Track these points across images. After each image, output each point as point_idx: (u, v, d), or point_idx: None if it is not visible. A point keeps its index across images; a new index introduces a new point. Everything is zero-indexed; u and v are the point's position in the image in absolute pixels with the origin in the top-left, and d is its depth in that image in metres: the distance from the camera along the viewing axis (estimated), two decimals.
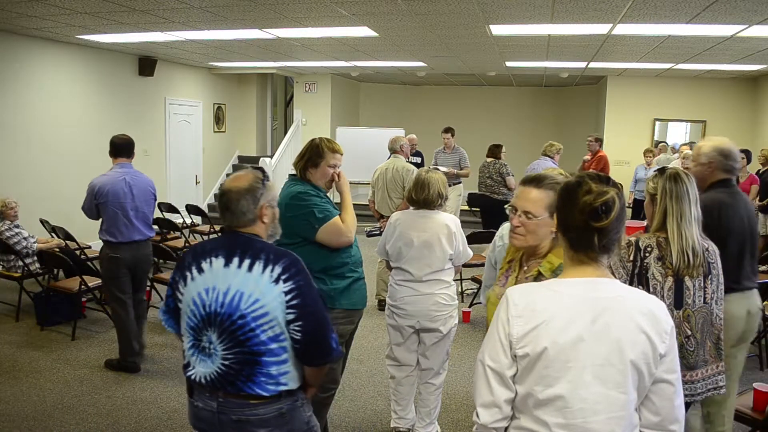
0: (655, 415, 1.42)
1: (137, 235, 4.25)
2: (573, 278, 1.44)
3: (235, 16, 5.67)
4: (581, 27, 5.82)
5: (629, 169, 9.29)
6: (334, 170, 2.86)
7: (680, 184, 2.27)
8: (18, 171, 6.95)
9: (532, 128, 13.18)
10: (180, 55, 8.94)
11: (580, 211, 1.39)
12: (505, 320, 1.41)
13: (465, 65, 9.31)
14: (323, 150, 2.83)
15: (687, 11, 4.96)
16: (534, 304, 1.40)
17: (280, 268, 1.85)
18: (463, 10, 5.20)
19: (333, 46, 7.53)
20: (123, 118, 8.47)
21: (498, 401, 1.41)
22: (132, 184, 4.23)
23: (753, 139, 9.47)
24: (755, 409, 2.88)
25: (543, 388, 1.37)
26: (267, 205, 1.96)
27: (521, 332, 1.39)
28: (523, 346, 1.38)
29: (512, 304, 1.42)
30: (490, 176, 7.40)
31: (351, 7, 5.20)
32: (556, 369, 1.36)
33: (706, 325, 2.30)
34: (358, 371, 4.45)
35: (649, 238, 2.28)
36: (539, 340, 1.37)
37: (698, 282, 2.27)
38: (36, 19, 6.00)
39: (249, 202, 1.93)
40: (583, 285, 1.42)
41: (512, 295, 1.44)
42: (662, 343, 1.38)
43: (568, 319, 1.37)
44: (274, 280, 1.84)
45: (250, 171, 2.01)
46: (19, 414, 3.65)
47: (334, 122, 11.46)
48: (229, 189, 1.94)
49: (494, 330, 1.44)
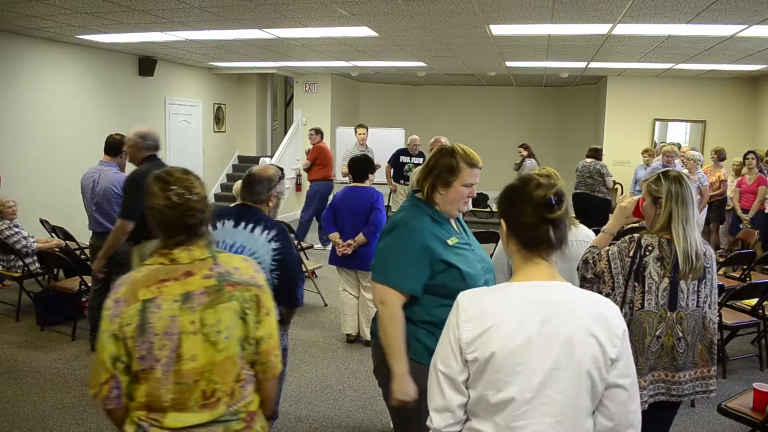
0: (609, 420, 1.41)
1: (98, 227, 4.47)
2: (524, 281, 1.44)
3: (235, 16, 5.67)
4: (581, 27, 5.82)
5: (629, 169, 9.28)
6: (470, 190, 2.19)
7: (685, 188, 2.28)
8: (18, 171, 6.95)
9: (532, 128, 13.18)
10: (180, 55, 8.94)
11: (534, 206, 1.41)
12: (455, 325, 1.41)
13: (465, 65, 9.31)
14: (458, 165, 2.14)
15: (687, 11, 4.96)
16: (484, 309, 1.39)
17: (274, 233, 2.57)
18: (463, 10, 5.20)
19: (333, 46, 7.53)
20: (123, 118, 8.46)
21: (451, 406, 1.41)
22: (97, 181, 4.46)
23: (753, 139, 9.47)
24: (755, 409, 2.89)
25: (494, 392, 1.36)
26: (275, 195, 2.69)
27: (470, 337, 1.38)
28: (473, 351, 1.37)
29: (462, 309, 1.41)
30: (591, 176, 7.72)
31: (351, 7, 5.20)
32: (506, 373, 1.35)
33: (697, 329, 2.31)
34: (358, 371, 4.46)
35: (651, 237, 2.28)
36: (488, 345, 1.36)
37: (693, 285, 2.27)
38: (36, 19, 6.00)
39: (264, 187, 2.66)
40: (535, 288, 1.42)
41: (462, 300, 1.43)
42: (613, 347, 1.37)
43: (518, 323, 1.36)
44: (268, 240, 2.55)
45: (274, 166, 2.78)
46: (19, 414, 3.65)
47: (334, 122, 11.46)
48: (255, 173, 2.67)
49: (446, 335, 1.43)
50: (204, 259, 1.69)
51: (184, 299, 1.63)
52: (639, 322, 2.25)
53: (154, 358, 1.60)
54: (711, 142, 9.23)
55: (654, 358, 2.26)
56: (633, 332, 2.25)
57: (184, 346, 1.61)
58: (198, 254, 1.68)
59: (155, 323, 1.60)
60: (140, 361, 1.60)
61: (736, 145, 9.21)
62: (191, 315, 1.62)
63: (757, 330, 4.79)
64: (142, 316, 1.60)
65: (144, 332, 1.60)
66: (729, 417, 2.96)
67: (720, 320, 4.22)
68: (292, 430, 3.59)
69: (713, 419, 3.66)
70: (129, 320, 1.60)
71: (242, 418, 1.71)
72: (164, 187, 1.66)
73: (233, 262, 1.75)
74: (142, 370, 1.61)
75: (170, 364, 1.61)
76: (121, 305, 1.61)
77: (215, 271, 1.68)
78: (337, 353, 4.82)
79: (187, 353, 1.61)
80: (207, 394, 1.65)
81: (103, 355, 1.61)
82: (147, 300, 1.61)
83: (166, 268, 1.65)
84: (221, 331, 1.65)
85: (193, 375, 1.62)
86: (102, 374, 1.61)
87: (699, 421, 3.71)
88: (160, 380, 1.61)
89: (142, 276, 1.64)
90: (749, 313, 4.51)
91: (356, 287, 4.91)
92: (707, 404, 3.80)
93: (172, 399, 1.62)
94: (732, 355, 4.73)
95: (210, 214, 1.74)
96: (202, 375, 1.63)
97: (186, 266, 1.66)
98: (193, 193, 1.67)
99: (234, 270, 1.72)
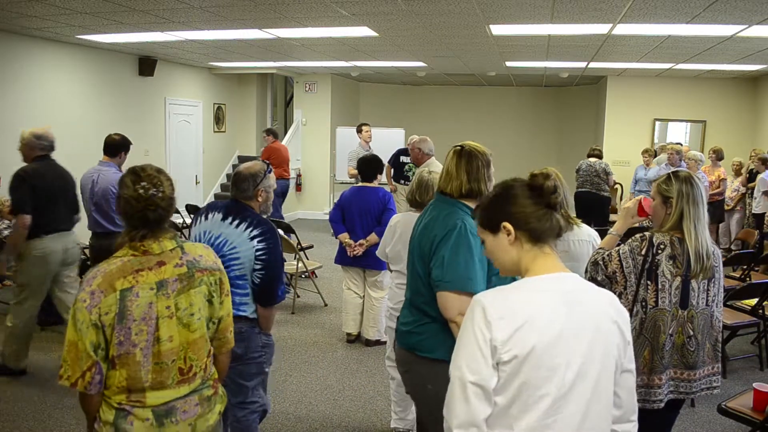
0: (618, 408, 1.41)
1: (98, 228, 4.48)
2: (541, 275, 1.42)
3: (235, 16, 5.67)
4: (581, 27, 5.82)
5: (629, 169, 9.28)
6: None
7: (696, 188, 2.31)
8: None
9: (532, 128, 13.19)
10: (180, 55, 8.94)
11: (540, 196, 1.44)
12: (484, 326, 1.32)
13: (465, 65, 9.31)
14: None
15: (687, 11, 4.97)
16: (511, 305, 1.35)
17: (257, 231, 2.56)
18: (463, 10, 5.20)
19: (333, 46, 7.53)
20: (123, 118, 8.46)
21: (477, 420, 1.31)
22: (96, 181, 4.45)
23: (753, 139, 9.47)
24: (755, 409, 2.89)
25: (533, 390, 1.30)
26: (263, 190, 2.66)
27: (505, 335, 1.31)
28: (510, 349, 1.30)
29: (489, 307, 1.34)
30: (597, 174, 7.86)
31: (351, 7, 5.20)
32: (545, 368, 1.30)
33: (706, 327, 2.34)
34: (358, 371, 4.46)
35: (663, 235, 2.31)
36: (526, 340, 1.30)
37: (703, 284, 2.31)
38: (36, 19, 6.00)
39: (250, 183, 2.63)
40: (554, 281, 1.41)
41: (483, 301, 1.37)
42: (627, 331, 1.42)
43: (548, 316, 1.33)
44: (250, 238, 2.55)
45: (259, 162, 2.72)
46: (19, 414, 3.65)
47: (334, 122, 11.47)
48: (241, 170, 2.67)
49: (470, 340, 1.34)
50: (173, 249, 1.86)
51: (159, 287, 1.79)
52: (653, 320, 2.28)
53: (131, 343, 1.75)
54: (711, 142, 9.23)
55: (668, 356, 2.29)
56: (647, 330, 2.28)
57: (162, 330, 1.79)
58: (168, 245, 1.85)
59: (134, 310, 1.75)
60: (118, 347, 1.74)
61: (736, 145, 9.21)
62: (166, 301, 1.80)
63: (757, 330, 4.79)
64: (121, 304, 1.73)
65: (123, 319, 1.74)
66: (729, 417, 2.96)
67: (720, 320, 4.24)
68: (292, 430, 3.59)
69: (713, 419, 3.66)
70: (108, 309, 1.72)
71: (211, 384, 1.96)
72: (135, 180, 1.82)
73: (197, 250, 1.94)
74: (119, 355, 1.75)
75: (149, 347, 1.77)
76: (98, 296, 1.73)
77: (185, 260, 1.86)
78: (337, 353, 4.82)
79: (164, 335, 1.79)
80: (184, 370, 1.85)
81: (83, 344, 1.72)
82: (125, 289, 1.74)
83: (139, 258, 1.80)
84: (194, 313, 1.85)
85: (171, 355, 1.80)
86: (84, 362, 1.73)
87: (699, 421, 3.71)
88: (140, 363, 1.76)
89: (116, 268, 1.77)
90: (749, 313, 4.51)
91: (361, 286, 4.92)
92: (707, 404, 3.81)
93: (152, 379, 1.79)
94: (732, 355, 4.74)
95: (172, 213, 1.88)
96: (179, 354, 1.83)
97: (157, 256, 1.82)
98: (159, 191, 1.82)
99: (200, 257, 1.92)
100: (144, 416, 1.78)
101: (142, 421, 1.77)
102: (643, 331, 2.28)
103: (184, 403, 1.85)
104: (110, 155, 4.56)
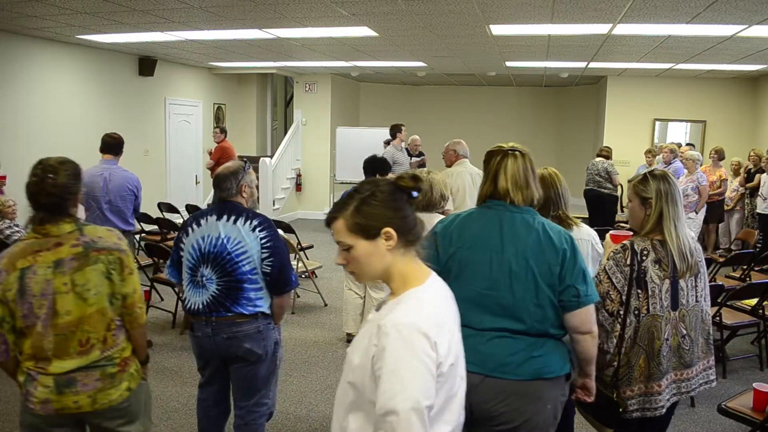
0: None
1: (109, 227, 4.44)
2: (429, 279, 1.48)
3: (235, 16, 5.67)
4: (581, 27, 5.83)
5: (629, 169, 9.28)
6: None
7: (673, 186, 2.28)
8: (18, 171, 6.88)
9: (532, 128, 13.18)
10: (180, 55, 8.94)
11: (407, 200, 1.47)
12: (429, 349, 1.31)
13: (465, 65, 9.31)
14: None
15: (687, 11, 4.97)
16: (437, 318, 1.39)
17: (256, 222, 2.62)
18: (463, 10, 5.20)
19: (333, 46, 7.53)
20: (123, 118, 8.46)
21: None
22: (108, 179, 4.41)
23: (753, 139, 9.47)
24: (755, 409, 2.89)
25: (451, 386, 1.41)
26: (246, 185, 2.72)
27: (445, 349, 1.36)
28: (448, 360, 1.38)
29: (429, 330, 1.33)
30: (599, 173, 8.24)
31: (351, 7, 5.20)
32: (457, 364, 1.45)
33: (698, 323, 2.33)
34: None
35: (643, 240, 2.27)
36: (452, 345, 1.41)
37: (690, 282, 2.29)
38: (36, 19, 6.00)
39: (232, 181, 2.68)
40: (439, 282, 1.51)
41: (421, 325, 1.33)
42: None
43: (451, 317, 1.48)
44: (251, 229, 2.60)
45: (237, 161, 2.85)
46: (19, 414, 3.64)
47: (334, 122, 11.46)
48: (220, 172, 2.73)
49: (418, 368, 1.30)
50: (71, 232, 2.03)
51: (56, 265, 1.97)
52: (647, 328, 2.23)
53: (35, 316, 1.96)
54: (711, 142, 9.22)
55: (666, 362, 2.26)
56: (641, 338, 2.23)
57: (59, 304, 1.97)
58: (66, 228, 2.02)
59: (32, 287, 1.95)
60: (23, 319, 1.97)
61: (736, 145, 9.20)
62: (63, 278, 1.97)
63: (757, 330, 4.79)
64: (20, 282, 1.95)
65: (24, 295, 1.95)
66: (729, 417, 2.96)
67: (720, 320, 4.23)
68: (292, 430, 3.59)
69: (713, 419, 3.66)
70: (10, 286, 1.95)
71: (116, 363, 2.09)
72: (35, 167, 2.04)
73: (98, 232, 2.09)
74: (26, 326, 1.98)
75: (48, 319, 1.97)
76: (3, 275, 1.96)
77: (81, 241, 2.03)
78: (337, 353, 4.82)
79: (62, 309, 1.97)
80: (83, 341, 2.02)
81: None
82: (24, 268, 1.95)
83: (40, 241, 2.00)
84: (90, 288, 2.01)
85: (69, 327, 1.98)
86: None
87: (699, 421, 3.71)
88: (42, 334, 1.97)
89: (19, 249, 1.99)
90: (749, 313, 4.51)
91: (362, 286, 4.91)
92: (707, 404, 3.80)
93: (54, 348, 1.98)
94: (732, 355, 4.73)
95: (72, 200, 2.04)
96: (77, 326, 2.00)
97: (56, 238, 2.00)
98: (51, 179, 1.99)
99: (98, 239, 2.07)
100: (46, 383, 2.00)
101: (44, 387, 2.00)
102: (638, 340, 2.23)
103: (85, 376, 2.02)
104: (113, 153, 4.56)
